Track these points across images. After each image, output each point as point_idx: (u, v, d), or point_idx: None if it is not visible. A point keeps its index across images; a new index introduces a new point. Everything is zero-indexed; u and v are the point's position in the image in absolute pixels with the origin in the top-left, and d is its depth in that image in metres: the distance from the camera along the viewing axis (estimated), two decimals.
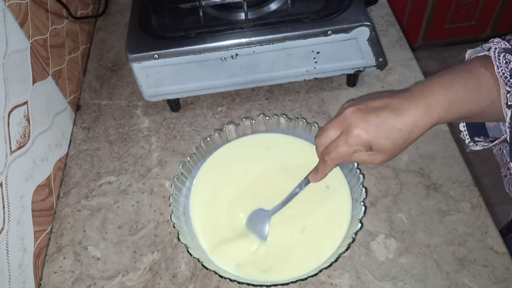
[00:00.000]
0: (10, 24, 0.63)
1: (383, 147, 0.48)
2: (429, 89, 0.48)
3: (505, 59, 0.46)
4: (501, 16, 2.02)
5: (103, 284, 0.61)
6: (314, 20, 0.69)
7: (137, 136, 0.78)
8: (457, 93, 0.47)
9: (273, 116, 0.67)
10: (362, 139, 0.48)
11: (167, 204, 0.68)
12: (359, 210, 0.57)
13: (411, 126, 0.47)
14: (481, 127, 0.58)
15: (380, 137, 0.47)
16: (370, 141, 0.48)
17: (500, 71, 0.46)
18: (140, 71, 0.70)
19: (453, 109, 0.47)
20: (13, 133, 0.60)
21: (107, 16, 1.04)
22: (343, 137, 0.49)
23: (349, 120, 0.49)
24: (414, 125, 0.47)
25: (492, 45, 0.48)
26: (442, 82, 0.48)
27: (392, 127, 0.47)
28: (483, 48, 0.50)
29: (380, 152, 0.49)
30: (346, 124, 0.49)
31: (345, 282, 0.59)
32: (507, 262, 0.58)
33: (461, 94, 0.47)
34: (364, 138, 0.48)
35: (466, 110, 0.48)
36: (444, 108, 0.47)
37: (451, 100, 0.47)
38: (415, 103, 0.47)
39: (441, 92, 0.47)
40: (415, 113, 0.47)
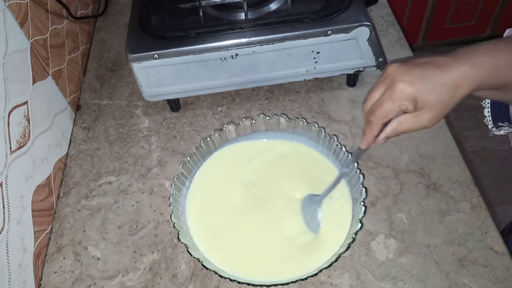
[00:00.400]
0: (10, 24, 0.63)
1: (429, 102, 0.46)
2: (475, 51, 0.47)
3: None
4: (501, 16, 2.02)
5: (103, 284, 0.61)
6: (314, 20, 0.69)
7: (137, 136, 0.78)
8: (503, 58, 0.46)
9: (273, 116, 0.67)
10: (407, 92, 0.46)
11: (167, 204, 0.68)
12: (359, 210, 0.57)
13: (457, 80, 0.46)
14: (505, 113, 0.56)
15: (425, 90, 0.46)
16: (415, 94, 0.46)
17: None
18: (140, 71, 0.70)
19: (498, 72, 0.46)
20: (13, 133, 0.60)
21: (107, 16, 1.04)
22: (387, 93, 0.47)
23: (392, 75, 0.47)
24: (460, 81, 0.46)
25: None
26: (488, 46, 0.47)
27: (438, 81, 0.46)
28: None
29: (426, 109, 0.47)
30: (390, 80, 0.47)
31: (345, 282, 0.58)
32: (507, 262, 0.58)
33: (507, 60, 0.46)
34: (409, 91, 0.46)
35: (510, 75, 0.46)
36: (490, 68, 0.46)
37: (496, 62, 0.46)
38: (460, 60, 0.46)
39: (487, 54, 0.46)
40: (461, 69, 0.46)
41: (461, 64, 0.46)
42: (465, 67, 0.46)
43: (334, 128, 0.75)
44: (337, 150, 0.64)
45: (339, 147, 0.64)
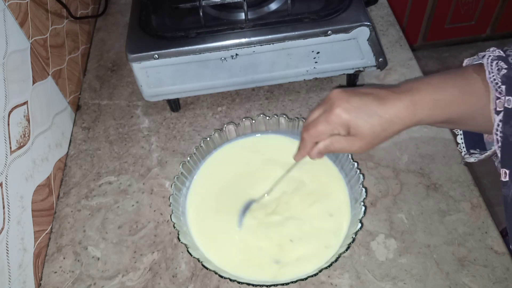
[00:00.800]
0: (10, 24, 0.63)
1: (361, 131, 0.48)
2: (416, 86, 0.48)
3: (497, 66, 0.46)
4: (501, 16, 2.02)
5: (103, 284, 0.61)
6: (314, 20, 0.69)
7: (137, 136, 0.78)
8: (445, 93, 0.47)
9: (273, 116, 0.67)
10: (342, 118, 0.48)
11: (167, 204, 0.68)
12: (359, 210, 0.57)
13: (392, 116, 0.47)
14: (479, 140, 0.57)
15: (359, 120, 0.48)
16: (348, 121, 0.48)
17: (491, 77, 0.46)
18: (140, 71, 0.70)
19: (439, 108, 0.47)
20: (13, 133, 0.60)
21: (107, 16, 1.04)
22: (324, 115, 0.50)
23: (332, 100, 0.50)
24: (395, 116, 0.47)
25: (487, 53, 0.48)
26: (431, 81, 0.48)
27: (373, 112, 0.47)
28: (478, 56, 0.51)
29: (358, 137, 0.49)
30: (330, 104, 0.50)
31: (345, 282, 0.58)
32: (507, 262, 0.58)
33: (449, 95, 0.47)
34: (343, 117, 0.48)
35: (454, 111, 0.48)
36: (430, 106, 0.47)
37: (437, 99, 0.47)
38: (400, 96, 0.48)
39: (428, 90, 0.47)
40: (399, 105, 0.47)
41: (400, 100, 0.47)
42: (403, 104, 0.47)
43: None
44: None
45: None
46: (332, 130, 0.50)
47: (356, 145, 0.50)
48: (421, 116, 0.48)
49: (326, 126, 0.50)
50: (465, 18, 2.03)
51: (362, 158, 0.71)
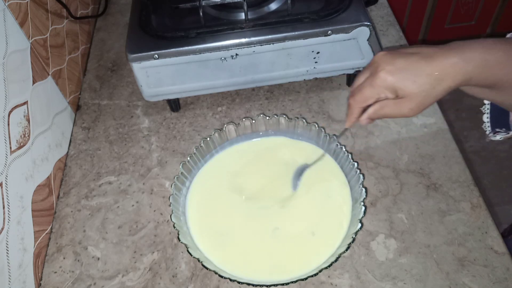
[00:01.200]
0: (10, 24, 0.63)
1: (409, 92, 0.46)
2: (468, 45, 0.46)
3: None
4: (501, 16, 2.02)
5: (103, 284, 0.61)
6: (314, 20, 0.69)
7: (137, 136, 0.78)
8: (495, 54, 0.45)
9: (273, 116, 0.67)
10: (388, 81, 0.47)
11: (167, 204, 0.68)
12: (359, 210, 0.57)
13: (441, 73, 0.45)
14: (504, 120, 0.56)
15: (406, 80, 0.46)
16: (394, 83, 0.46)
17: None
18: (140, 71, 0.70)
19: (488, 68, 0.45)
20: (13, 133, 0.60)
21: (107, 16, 1.04)
22: (369, 79, 0.48)
23: (377, 63, 0.48)
24: (444, 73, 0.45)
25: None
26: (483, 42, 0.46)
27: (420, 71, 0.45)
28: None
29: (407, 99, 0.47)
30: (374, 67, 0.48)
31: (345, 282, 0.58)
32: (507, 262, 0.58)
33: (499, 57, 0.45)
34: (389, 80, 0.46)
35: (502, 75, 0.46)
36: (480, 64, 0.45)
37: (488, 59, 0.45)
38: (449, 53, 0.46)
39: (480, 49, 0.46)
40: (448, 61, 0.45)
41: (449, 56, 0.45)
42: (453, 60, 0.45)
43: (334, 128, 0.75)
44: (337, 150, 0.64)
45: (339, 147, 0.64)
46: (378, 94, 0.48)
47: (406, 107, 0.48)
48: (471, 74, 0.45)
49: (371, 90, 0.48)
50: (465, 18, 2.03)
51: (362, 158, 0.71)
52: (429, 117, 0.75)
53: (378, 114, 0.51)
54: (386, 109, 0.50)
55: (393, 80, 0.46)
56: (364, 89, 0.49)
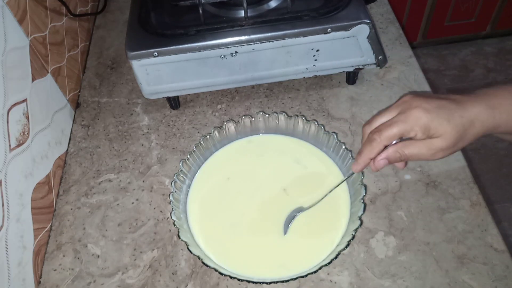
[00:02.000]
0: (9, 21, 0.63)
1: (444, 131, 0.45)
2: (493, 91, 0.46)
3: None
4: (501, 14, 2.02)
5: (103, 282, 0.61)
6: (313, 17, 0.69)
7: (136, 134, 0.78)
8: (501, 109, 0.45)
9: (272, 114, 0.67)
10: (423, 119, 0.45)
11: (167, 202, 0.68)
12: (358, 207, 0.57)
13: (472, 116, 0.45)
14: None
15: (441, 119, 0.44)
16: (429, 122, 0.45)
17: None
18: (140, 69, 0.70)
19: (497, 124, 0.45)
20: (12, 131, 0.60)
21: (106, 13, 1.03)
22: (401, 116, 0.46)
23: (408, 102, 0.46)
24: (475, 117, 0.45)
25: None
26: (508, 88, 0.46)
27: (454, 112, 0.45)
28: None
29: (440, 139, 0.45)
30: (406, 105, 0.46)
31: (344, 279, 0.59)
32: (506, 259, 0.59)
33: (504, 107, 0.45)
34: (424, 118, 0.45)
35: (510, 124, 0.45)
36: (506, 110, 0.45)
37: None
38: (476, 99, 0.46)
39: (505, 95, 0.45)
40: (477, 107, 0.45)
41: (477, 103, 0.45)
42: (480, 106, 0.45)
43: (333, 126, 0.75)
44: (337, 148, 0.65)
45: (338, 144, 0.64)
46: (410, 131, 0.45)
47: (437, 146, 0.45)
48: (500, 121, 0.45)
49: (404, 126, 0.45)
50: (465, 15, 2.03)
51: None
52: None
53: (401, 154, 0.47)
54: (412, 148, 0.47)
55: (428, 118, 0.45)
56: (395, 124, 0.46)
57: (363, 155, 0.49)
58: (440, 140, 0.45)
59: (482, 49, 2.15)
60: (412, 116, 0.45)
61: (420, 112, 0.45)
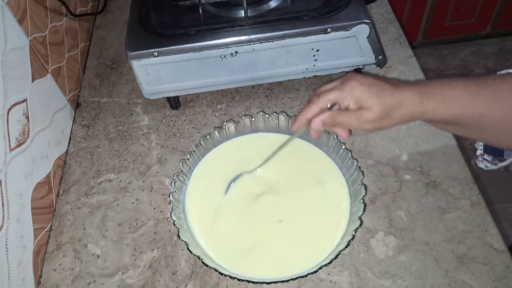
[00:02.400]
0: (9, 21, 0.63)
1: (372, 104, 0.49)
2: (429, 82, 0.50)
3: None
4: (501, 14, 2.02)
5: (103, 282, 0.61)
6: (313, 17, 0.69)
7: (136, 134, 0.78)
8: (453, 90, 0.48)
9: (272, 114, 0.67)
10: (356, 90, 0.50)
11: (167, 202, 0.68)
12: (358, 207, 0.57)
13: (401, 99, 0.49)
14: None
15: (372, 93, 0.49)
16: (361, 94, 0.50)
17: None
18: (140, 69, 0.70)
19: (446, 105, 0.48)
20: (12, 131, 0.60)
21: (106, 13, 1.03)
22: (339, 85, 0.52)
23: (349, 75, 0.52)
24: (404, 100, 0.49)
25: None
26: (442, 81, 0.50)
27: (385, 91, 0.49)
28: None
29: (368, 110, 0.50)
30: (346, 78, 0.52)
31: (344, 279, 0.59)
32: (506, 259, 0.59)
33: (457, 92, 0.48)
34: (358, 89, 0.50)
35: (459, 110, 0.48)
36: (437, 99, 0.48)
37: (445, 94, 0.48)
38: (411, 87, 0.50)
39: (437, 86, 0.49)
40: (408, 92, 0.49)
41: (410, 89, 0.50)
42: (412, 92, 0.49)
43: None
44: (337, 148, 0.65)
45: (338, 144, 0.64)
46: (343, 99, 0.51)
47: (363, 118, 0.50)
48: (427, 107, 0.49)
49: (339, 93, 0.51)
50: (465, 15, 2.02)
51: (362, 156, 0.71)
52: None
53: (334, 120, 0.52)
54: (344, 116, 0.51)
55: (361, 90, 0.50)
56: (331, 91, 0.52)
57: (301, 114, 0.55)
58: (368, 112, 0.50)
59: (482, 49, 2.15)
60: (348, 86, 0.51)
61: (355, 84, 0.50)
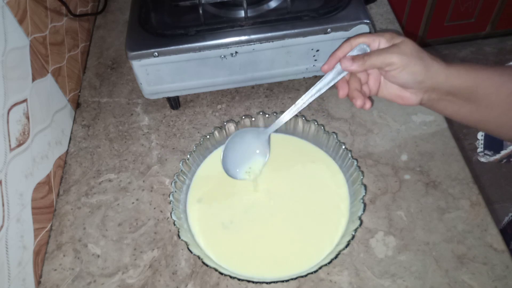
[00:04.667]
0: (9, 21, 0.63)
1: (403, 40, 0.51)
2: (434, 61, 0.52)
3: None
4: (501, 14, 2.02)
5: (103, 281, 0.61)
6: (313, 18, 0.69)
7: (137, 134, 0.78)
8: (453, 69, 0.51)
9: (272, 114, 0.67)
10: (386, 33, 0.53)
11: (167, 202, 0.68)
12: (358, 207, 0.57)
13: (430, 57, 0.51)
14: (497, 142, 0.59)
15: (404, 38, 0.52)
16: (394, 33, 0.52)
17: None
18: (140, 69, 0.70)
19: (449, 79, 0.51)
20: (12, 131, 0.60)
21: (106, 13, 1.03)
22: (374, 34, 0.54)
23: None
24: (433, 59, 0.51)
25: None
26: (444, 62, 0.52)
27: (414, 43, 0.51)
28: None
29: (398, 46, 0.50)
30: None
31: (344, 279, 0.59)
32: (506, 259, 0.59)
33: (456, 71, 0.51)
34: (389, 32, 0.53)
35: (462, 81, 0.51)
36: (443, 74, 0.51)
37: (448, 72, 0.51)
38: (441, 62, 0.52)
39: (442, 65, 0.51)
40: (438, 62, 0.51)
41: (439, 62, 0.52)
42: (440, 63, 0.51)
43: (333, 126, 0.76)
44: (337, 148, 0.65)
45: (338, 144, 0.64)
46: (374, 40, 0.52)
47: (394, 53, 0.50)
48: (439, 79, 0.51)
49: (370, 35, 0.53)
50: (465, 15, 2.03)
51: (362, 156, 0.71)
52: (428, 115, 0.75)
53: (364, 57, 0.52)
54: (374, 53, 0.52)
55: (394, 32, 0.53)
56: (363, 35, 0.54)
57: (332, 54, 0.55)
58: (398, 48, 0.50)
59: (482, 49, 2.15)
60: (379, 33, 0.53)
61: (386, 32, 0.53)
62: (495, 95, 0.50)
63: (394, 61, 0.50)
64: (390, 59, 0.50)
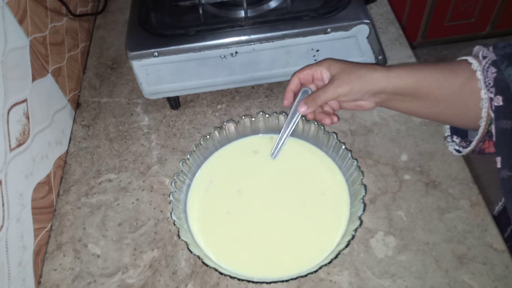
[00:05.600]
0: (9, 21, 0.63)
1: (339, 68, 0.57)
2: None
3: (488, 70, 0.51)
4: (501, 14, 2.02)
5: (103, 281, 0.61)
6: (313, 18, 0.69)
7: (137, 134, 0.78)
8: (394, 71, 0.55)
9: (272, 114, 0.67)
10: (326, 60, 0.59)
11: (167, 202, 0.68)
12: (358, 207, 0.57)
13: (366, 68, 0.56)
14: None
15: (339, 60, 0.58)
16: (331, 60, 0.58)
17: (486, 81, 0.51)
18: (140, 69, 0.70)
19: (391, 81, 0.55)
20: (12, 131, 0.60)
21: (106, 13, 1.04)
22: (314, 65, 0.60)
23: None
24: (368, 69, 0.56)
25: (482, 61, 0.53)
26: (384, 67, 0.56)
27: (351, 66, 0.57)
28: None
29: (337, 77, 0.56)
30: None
31: (344, 279, 0.59)
32: (506, 259, 0.59)
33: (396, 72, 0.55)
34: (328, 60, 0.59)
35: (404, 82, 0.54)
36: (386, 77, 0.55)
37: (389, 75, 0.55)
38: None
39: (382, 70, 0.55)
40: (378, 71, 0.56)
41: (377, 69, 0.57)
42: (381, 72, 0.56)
43: (333, 126, 0.75)
44: (337, 148, 0.65)
45: (338, 144, 0.64)
46: (316, 69, 0.59)
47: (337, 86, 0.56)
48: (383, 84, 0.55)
49: (311, 65, 0.59)
50: (465, 15, 2.03)
51: (361, 156, 0.71)
52: None
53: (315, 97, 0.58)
54: (320, 90, 0.58)
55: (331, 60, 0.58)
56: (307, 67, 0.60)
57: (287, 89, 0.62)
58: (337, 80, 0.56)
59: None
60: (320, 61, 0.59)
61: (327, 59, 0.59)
62: (438, 91, 0.53)
63: (340, 93, 0.56)
64: (335, 93, 0.56)
